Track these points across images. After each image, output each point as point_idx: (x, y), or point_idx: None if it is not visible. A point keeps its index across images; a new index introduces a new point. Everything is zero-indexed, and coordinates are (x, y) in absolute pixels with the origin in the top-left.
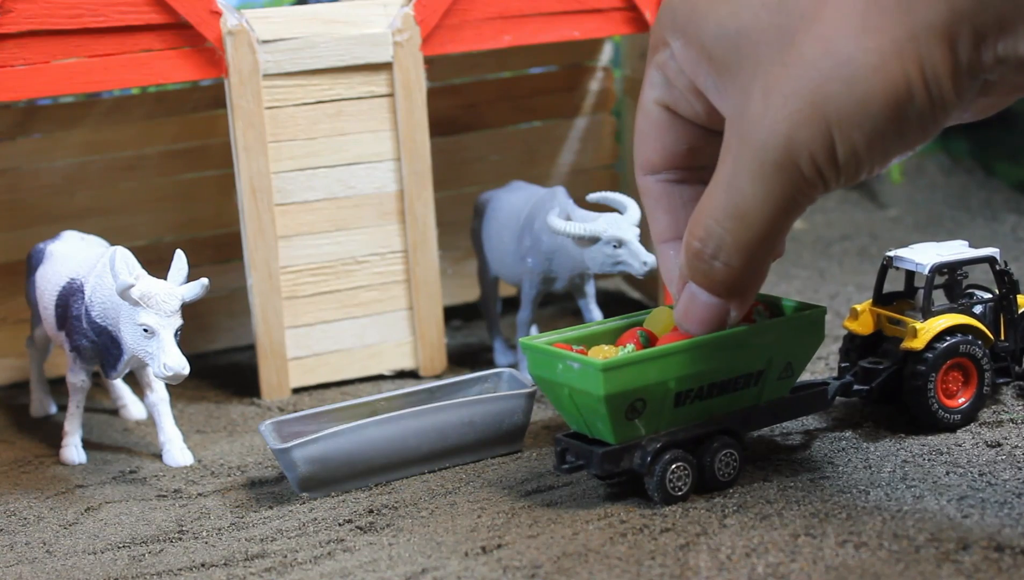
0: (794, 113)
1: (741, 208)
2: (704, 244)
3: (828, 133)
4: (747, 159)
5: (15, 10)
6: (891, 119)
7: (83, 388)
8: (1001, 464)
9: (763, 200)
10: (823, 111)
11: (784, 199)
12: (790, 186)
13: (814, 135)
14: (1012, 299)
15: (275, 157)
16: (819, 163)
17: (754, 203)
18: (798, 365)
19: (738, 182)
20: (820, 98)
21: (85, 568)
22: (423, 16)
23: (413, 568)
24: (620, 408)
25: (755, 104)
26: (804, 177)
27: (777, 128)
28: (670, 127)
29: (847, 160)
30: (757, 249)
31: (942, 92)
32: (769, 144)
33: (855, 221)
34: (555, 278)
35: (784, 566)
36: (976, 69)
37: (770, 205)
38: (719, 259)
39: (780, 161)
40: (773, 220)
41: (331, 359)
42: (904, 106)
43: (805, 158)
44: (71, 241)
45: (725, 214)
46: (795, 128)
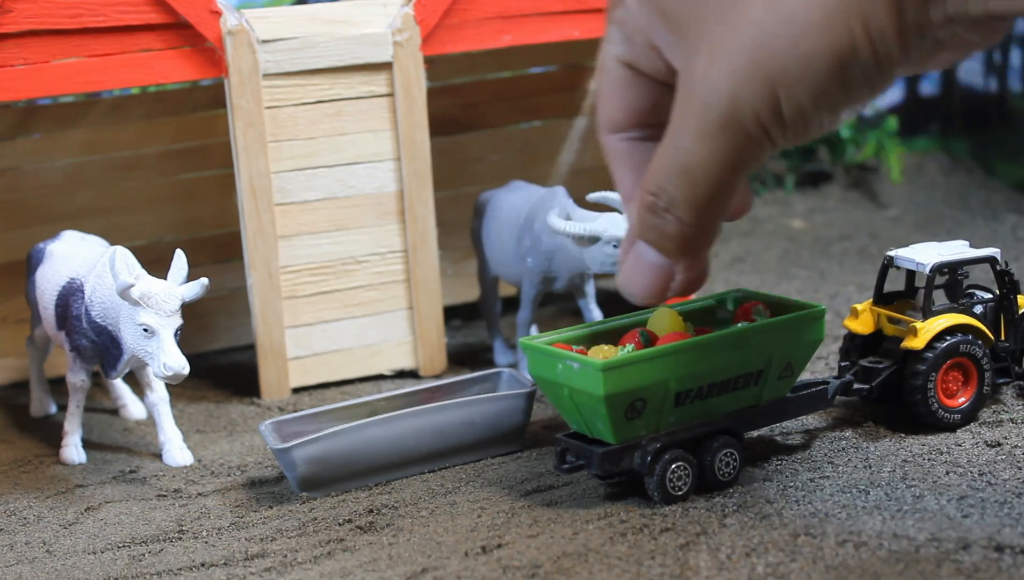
0: (738, 71)
1: (688, 166)
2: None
3: (772, 91)
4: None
5: (15, 10)
6: (836, 76)
7: (83, 388)
8: (1001, 464)
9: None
10: (767, 69)
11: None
12: (736, 144)
13: (758, 93)
14: (1012, 299)
15: (275, 157)
16: (764, 121)
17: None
18: (798, 365)
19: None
20: (764, 55)
21: (85, 568)
22: (423, 16)
23: (413, 568)
24: (620, 408)
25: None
26: (749, 135)
27: (720, 85)
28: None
29: (793, 117)
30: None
31: (888, 49)
32: (713, 102)
33: (855, 221)
34: (555, 278)
35: (784, 566)
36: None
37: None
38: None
39: (724, 119)
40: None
41: (331, 359)
42: (849, 63)
43: (749, 116)
44: (71, 241)
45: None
46: (739, 86)
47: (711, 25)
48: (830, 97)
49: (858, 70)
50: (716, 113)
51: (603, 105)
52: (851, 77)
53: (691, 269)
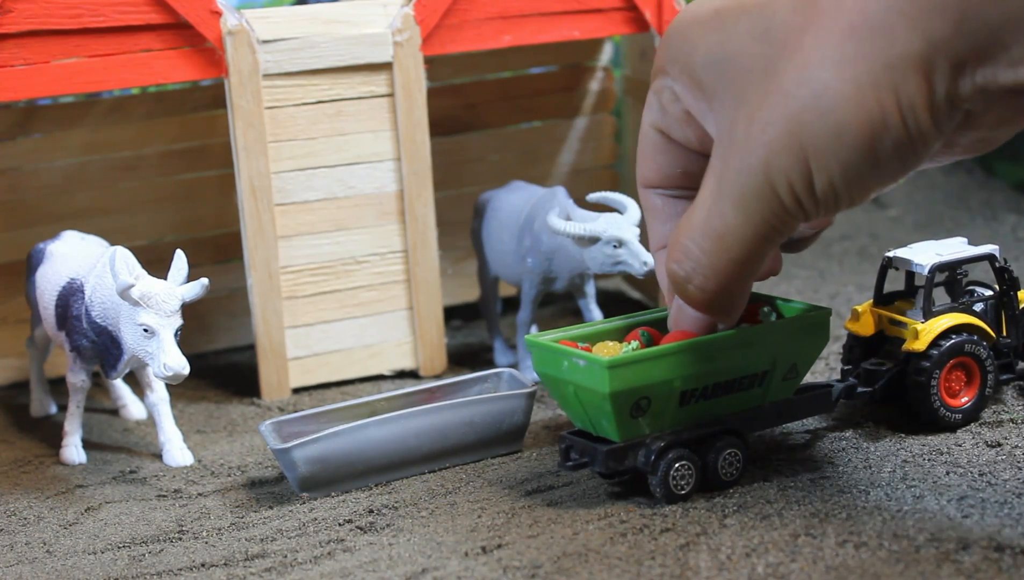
0: (773, 141)
1: (720, 231)
2: (680, 265)
3: (805, 161)
4: (729, 183)
5: (15, 10)
6: (866, 149)
7: (83, 388)
8: (1001, 464)
9: (743, 225)
10: (800, 139)
11: (763, 225)
12: (769, 213)
13: (791, 163)
14: (1013, 295)
15: (275, 157)
16: (797, 191)
17: (734, 227)
18: (803, 366)
19: (719, 205)
20: (797, 126)
21: (85, 568)
22: (423, 16)
23: (413, 568)
24: (625, 406)
25: (739, 130)
26: (783, 204)
27: (757, 154)
28: (665, 150)
29: (824, 189)
30: (733, 273)
31: (919, 123)
32: (750, 170)
33: (855, 221)
34: (555, 278)
35: (784, 566)
36: (955, 99)
37: (749, 230)
38: (693, 283)
39: (759, 187)
40: (751, 245)
41: (331, 359)
42: (879, 136)
43: (783, 185)
44: (71, 241)
45: (703, 236)
46: (773, 155)
47: (749, 94)
48: (860, 170)
49: (889, 144)
50: (753, 180)
51: (640, 163)
52: (882, 151)
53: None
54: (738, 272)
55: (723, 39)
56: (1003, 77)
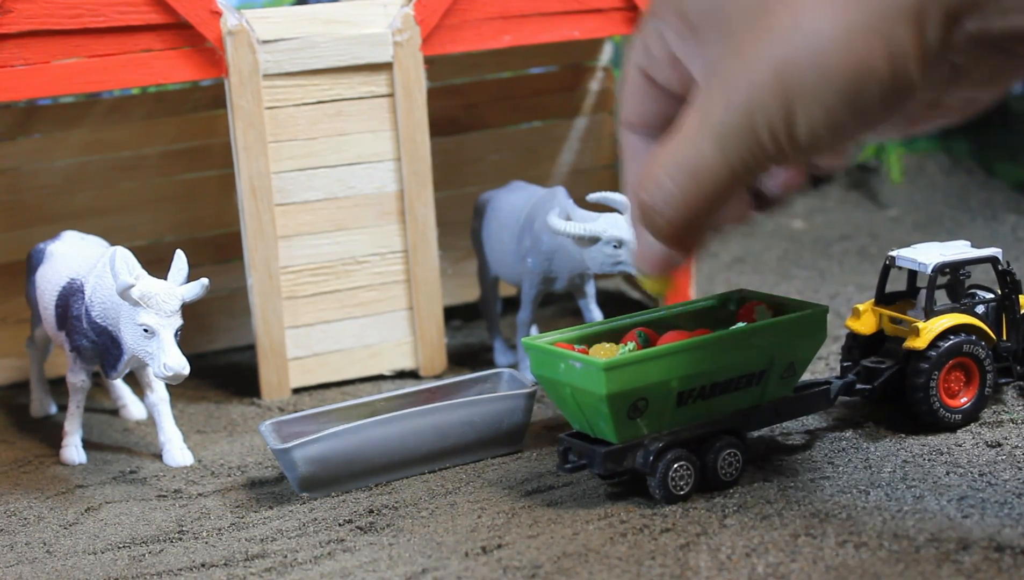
0: (758, 80)
1: (695, 165)
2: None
3: (789, 103)
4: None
5: (15, 10)
6: (851, 96)
7: (83, 388)
8: (1001, 464)
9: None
10: (786, 81)
11: (739, 163)
12: (747, 152)
13: (775, 103)
14: (1014, 299)
15: (275, 157)
16: (778, 132)
17: (710, 163)
18: (800, 365)
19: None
20: (784, 68)
21: (85, 568)
22: (423, 16)
23: (413, 568)
24: (622, 407)
25: (725, 68)
26: (762, 144)
27: (741, 92)
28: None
29: (805, 132)
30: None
31: (907, 72)
32: (733, 107)
33: (855, 221)
34: (555, 278)
35: (784, 566)
36: (943, 49)
37: (725, 167)
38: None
39: (740, 126)
40: (724, 182)
41: (331, 359)
42: (865, 83)
43: (764, 126)
44: (71, 241)
45: (677, 168)
46: (758, 95)
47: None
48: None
49: (875, 90)
50: (734, 117)
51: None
52: (867, 97)
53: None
54: (706, 207)
55: None
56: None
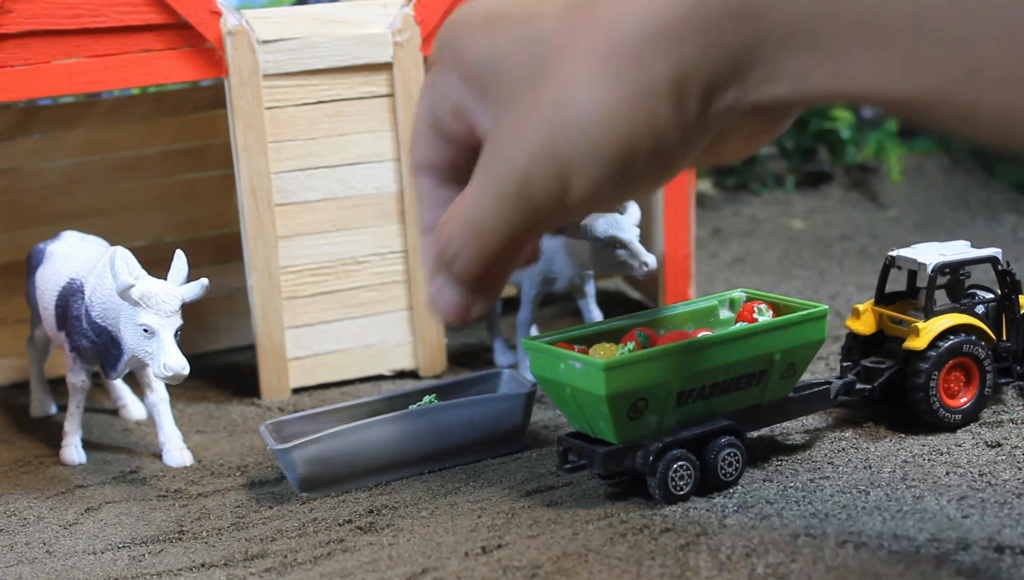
0: (534, 149)
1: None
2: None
3: (562, 173)
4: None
5: (15, 10)
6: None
7: (83, 388)
8: (1001, 464)
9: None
10: (558, 153)
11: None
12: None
13: (549, 172)
14: (1014, 299)
15: (275, 157)
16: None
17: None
18: (800, 365)
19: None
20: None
21: (85, 568)
22: (423, 16)
23: (413, 568)
24: (622, 407)
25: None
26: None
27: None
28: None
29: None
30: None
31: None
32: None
33: (855, 221)
34: (555, 278)
35: (784, 566)
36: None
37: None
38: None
39: (518, 190)
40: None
41: (331, 359)
42: (631, 156)
43: (540, 191)
44: (71, 241)
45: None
46: (533, 164)
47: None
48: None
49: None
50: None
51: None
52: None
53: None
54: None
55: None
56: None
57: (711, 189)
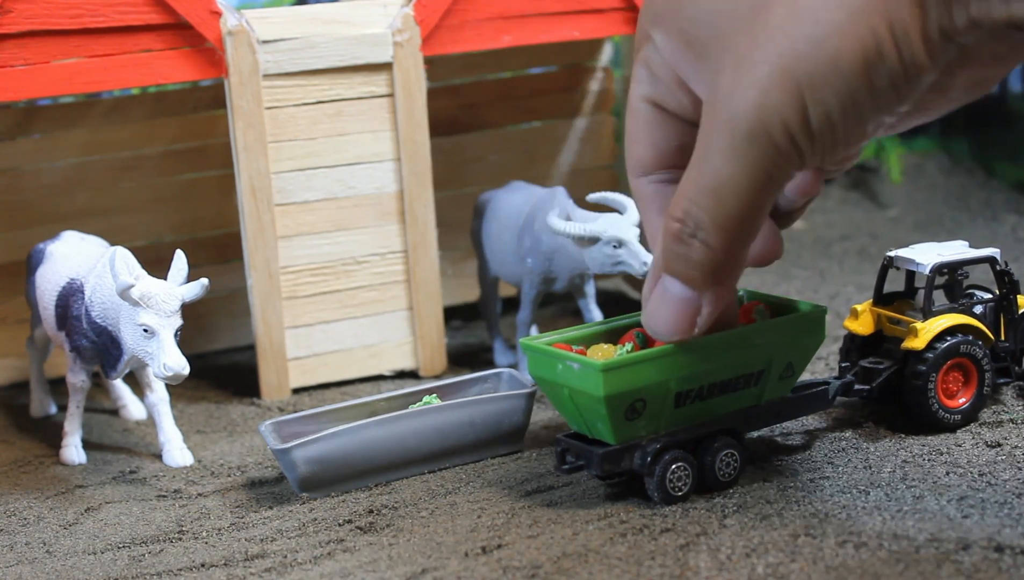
0: (763, 79)
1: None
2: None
3: (800, 96)
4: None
5: (15, 10)
6: (862, 79)
7: (83, 388)
8: (1001, 464)
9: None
10: (793, 74)
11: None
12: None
13: (785, 100)
14: (1012, 299)
15: (275, 157)
16: (792, 130)
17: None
18: (799, 365)
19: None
20: (789, 61)
21: (85, 568)
22: (423, 16)
23: (413, 568)
24: (620, 408)
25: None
26: (777, 147)
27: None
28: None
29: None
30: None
31: (913, 52)
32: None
33: (855, 221)
34: (555, 278)
35: (784, 566)
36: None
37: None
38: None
39: (752, 131)
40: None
41: (331, 359)
42: (875, 65)
43: (777, 126)
44: (71, 241)
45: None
46: (765, 94)
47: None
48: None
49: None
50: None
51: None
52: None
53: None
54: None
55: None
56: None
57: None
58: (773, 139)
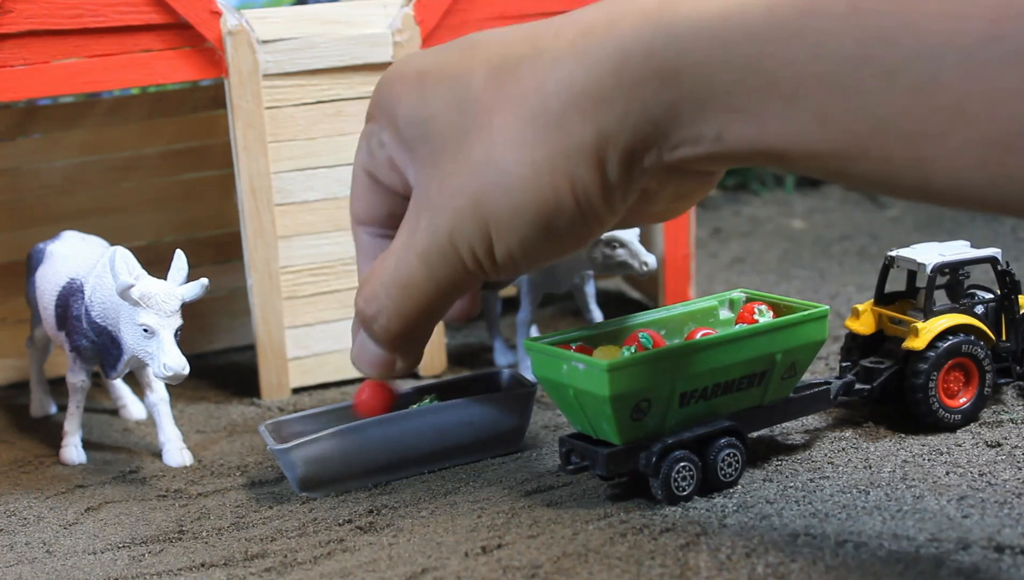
0: (460, 209)
1: (404, 281)
2: (367, 305)
3: (487, 231)
4: (417, 239)
5: (15, 10)
6: (542, 227)
7: (83, 388)
8: (1001, 464)
9: (426, 279)
10: (483, 212)
11: (445, 281)
12: (451, 271)
13: (474, 231)
14: (1013, 299)
15: (275, 157)
16: (478, 256)
17: (418, 280)
18: (801, 365)
19: (407, 258)
20: (481, 200)
21: (85, 568)
22: (423, 16)
23: (413, 568)
24: (625, 408)
25: (431, 191)
26: (464, 265)
27: (444, 218)
28: (374, 192)
29: (503, 258)
30: (415, 319)
31: (592, 205)
32: (437, 230)
33: (855, 221)
34: (555, 278)
35: (784, 566)
36: (627, 182)
37: (431, 284)
38: (378, 322)
39: (443, 248)
40: (432, 297)
41: (331, 359)
42: (554, 217)
43: (466, 250)
44: (71, 241)
45: (391, 282)
46: (459, 222)
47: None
48: (537, 245)
49: (563, 223)
50: (438, 241)
51: (352, 201)
52: (556, 228)
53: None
54: (419, 318)
55: (423, 100)
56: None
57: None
58: (461, 259)
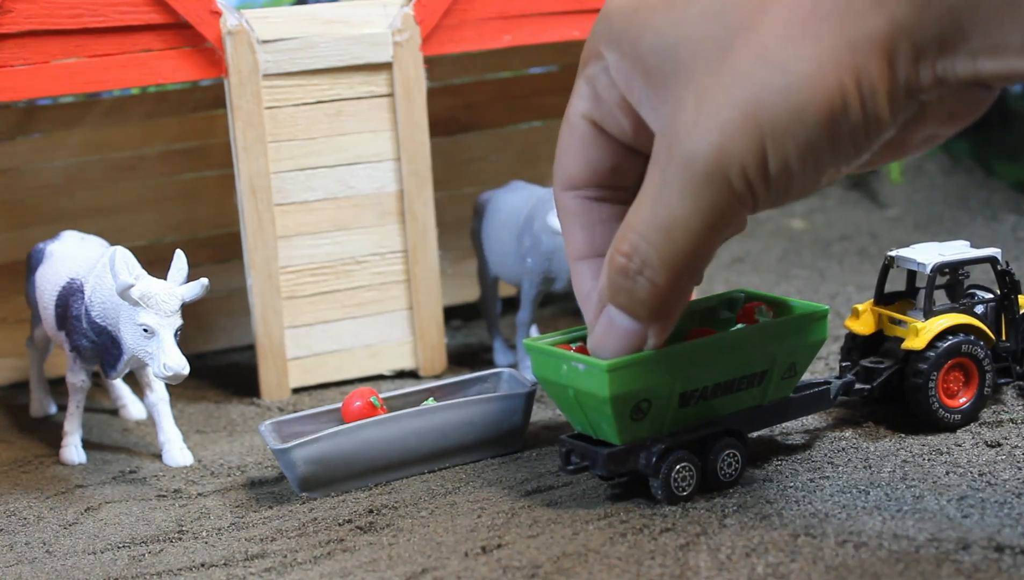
0: (726, 122)
1: (668, 222)
2: (630, 259)
3: (760, 143)
4: (675, 171)
5: (15, 10)
6: (825, 130)
7: (83, 388)
8: (1001, 464)
9: (691, 214)
10: (756, 120)
11: (712, 213)
12: (719, 200)
13: (746, 145)
14: (1013, 299)
15: (275, 157)
16: (750, 175)
17: (681, 217)
18: (801, 365)
19: (665, 195)
20: (754, 107)
21: (85, 568)
22: (423, 16)
23: (413, 568)
24: (626, 409)
25: (687, 113)
26: (733, 190)
27: (708, 138)
28: (595, 143)
29: (778, 172)
30: (683, 266)
31: (876, 107)
32: (699, 154)
33: (855, 221)
34: (555, 278)
35: (784, 566)
36: (913, 87)
37: (698, 219)
38: (644, 275)
39: (709, 172)
40: (701, 235)
41: (331, 359)
42: (838, 118)
43: (736, 169)
44: (71, 241)
45: (652, 228)
46: (727, 138)
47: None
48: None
49: (847, 127)
50: (702, 165)
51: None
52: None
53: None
54: (688, 265)
55: (674, 21)
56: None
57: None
58: (730, 182)
